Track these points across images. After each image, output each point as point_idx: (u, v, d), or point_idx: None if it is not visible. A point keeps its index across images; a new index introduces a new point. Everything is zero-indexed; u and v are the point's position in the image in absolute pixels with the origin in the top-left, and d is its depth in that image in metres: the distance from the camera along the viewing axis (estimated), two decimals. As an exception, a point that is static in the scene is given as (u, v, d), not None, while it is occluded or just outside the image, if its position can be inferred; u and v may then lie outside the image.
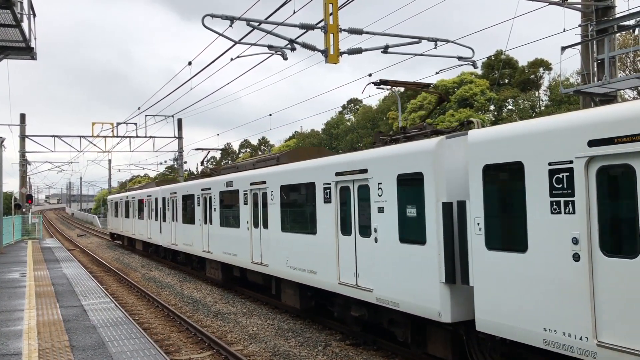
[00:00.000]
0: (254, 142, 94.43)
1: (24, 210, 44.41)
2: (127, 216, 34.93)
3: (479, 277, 7.84)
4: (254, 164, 16.99)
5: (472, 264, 7.98)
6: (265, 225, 14.71)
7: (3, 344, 9.55)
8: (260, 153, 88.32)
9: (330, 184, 11.74)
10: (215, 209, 18.37)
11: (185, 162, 46.00)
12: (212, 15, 13.63)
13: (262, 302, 16.71)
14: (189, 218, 21.37)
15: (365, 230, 10.60)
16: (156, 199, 27.16)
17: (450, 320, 8.54)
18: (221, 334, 12.97)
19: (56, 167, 59.10)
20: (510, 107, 47.51)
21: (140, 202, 30.93)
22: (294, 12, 14.20)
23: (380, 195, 10.11)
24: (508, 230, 7.55)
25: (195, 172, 44.89)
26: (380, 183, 10.09)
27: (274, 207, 14.18)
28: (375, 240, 10.23)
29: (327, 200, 11.87)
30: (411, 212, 9.34)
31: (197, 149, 24.41)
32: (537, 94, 49.92)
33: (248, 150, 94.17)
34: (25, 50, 16.15)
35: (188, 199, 21.52)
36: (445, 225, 8.49)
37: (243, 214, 16.11)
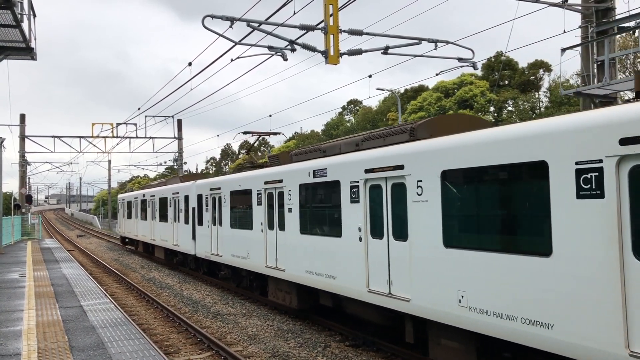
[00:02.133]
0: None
1: (23, 210, 44.39)
2: (143, 218, 29.98)
3: None
4: (359, 142, 11.55)
5: None
6: (403, 237, 9.51)
7: (2, 345, 9.53)
8: (259, 154, 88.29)
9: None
10: (290, 209, 13.35)
11: (185, 163, 46.01)
12: (212, 16, 13.63)
13: (261, 302, 16.69)
14: (241, 221, 16.48)
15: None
16: (186, 197, 22.13)
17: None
18: (221, 335, 12.96)
19: (56, 168, 59.11)
20: (510, 108, 47.52)
21: (163, 201, 25.92)
22: (294, 13, 14.20)
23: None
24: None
25: (196, 173, 40.67)
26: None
27: (429, 205, 8.89)
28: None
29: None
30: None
31: (244, 132, 19.45)
32: (537, 96, 49.93)
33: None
34: (25, 51, 16.16)
35: (240, 196, 16.60)
36: None
37: (350, 217, 10.89)
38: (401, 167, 9.45)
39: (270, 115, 33.72)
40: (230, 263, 17.22)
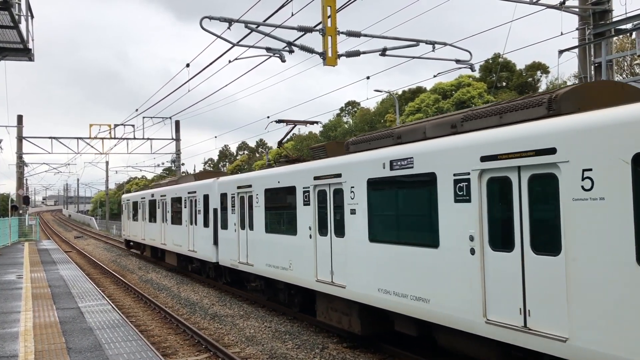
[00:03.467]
0: (252, 144, 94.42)
1: (20, 211, 44.31)
2: (152, 220, 27.32)
3: None
4: (456, 123, 8.93)
5: None
6: (553, 250, 7.06)
7: (-1, 346, 9.52)
8: (257, 155, 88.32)
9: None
10: (353, 210, 10.72)
11: (183, 164, 46.00)
12: (210, 18, 13.64)
13: (259, 304, 16.68)
14: (281, 225, 13.95)
15: None
16: (206, 197, 19.54)
17: None
18: (218, 337, 12.95)
19: (53, 169, 59.03)
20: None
21: (176, 201, 23.27)
22: (292, 15, 14.22)
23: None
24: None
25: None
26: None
27: (607, 206, 6.31)
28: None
29: None
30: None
31: (277, 121, 16.58)
32: (534, 97, 49.99)
33: (246, 152, 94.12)
34: (23, 52, 16.15)
35: (278, 195, 14.04)
36: None
37: (453, 222, 8.37)
38: (550, 151, 6.89)
39: (268, 117, 33.81)
40: (263, 274, 14.70)
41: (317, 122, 18.40)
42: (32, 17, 15.61)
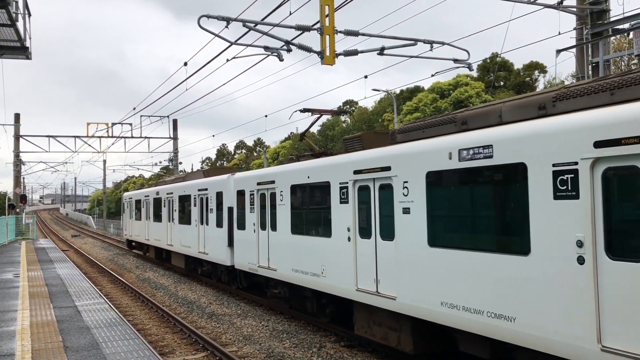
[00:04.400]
0: (250, 143, 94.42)
1: (17, 210, 44.23)
2: (157, 219, 25.94)
3: None
4: (545, 104, 7.55)
5: None
6: None
7: (-4, 345, 9.50)
8: (255, 154, 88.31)
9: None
10: (406, 209, 9.33)
11: (181, 163, 45.97)
12: (208, 16, 13.63)
13: (256, 303, 16.67)
14: (311, 225, 12.47)
15: None
16: (219, 195, 18.25)
17: None
18: (216, 335, 12.95)
19: (50, 168, 58.96)
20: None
21: (184, 199, 21.91)
22: (290, 14, 14.23)
23: None
24: None
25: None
26: None
27: None
28: None
29: None
30: None
31: (303, 110, 15.10)
32: (532, 97, 50.10)
33: (243, 151, 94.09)
34: (20, 50, 16.11)
35: (308, 192, 12.62)
36: None
37: (550, 223, 6.92)
38: None
39: (266, 116, 33.84)
40: (288, 280, 13.26)
41: (345, 112, 17.39)
42: (30, 15, 15.57)
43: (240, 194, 16.23)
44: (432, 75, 24.31)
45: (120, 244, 41.35)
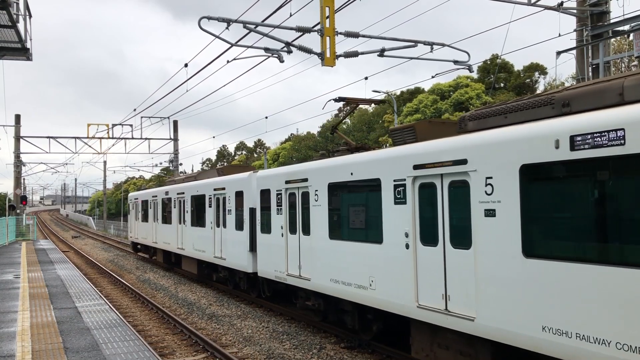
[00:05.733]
0: (250, 144, 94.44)
1: (18, 211, 44.24)
2: (166, 221, 24.41)
3: None
4: None
5: None
6: None
7: (-4, 346, 9.50)
8: (255, 155, 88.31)
9: None
10: (491, 211, 7.67)
11: (181, 164, 45.97)
12: (209, 18, 13.64)
13: (256, 304, 16.67)
14: (354, 228, 10.91)
15: None
16: (239, 194, 16.76)
17: None
18: (216, 337, 12.95)
19: (51, 169, 58.93)
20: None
21: (198, 200, 20.36)
22: (291, 15, 14.23)
23: None
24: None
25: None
26: None
27: None
28: None
29: None
30: None
31: (337, 99, 13.38)
32: (532, 98, 50.12)
33: (244, 152, 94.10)
34: (21, 51, 16.12)
35: (351, 191, 11.13)
36: None
37: None
38: None
39: (266, 117, 33.90)
40: (324, 291, 11.79)
41: (383, 102, 16.21)
42: (30, 16, 15.59)
43: (264, 193, 14.67)
44: (433, 77, 24.35)
45: (121, 245, 41.36)
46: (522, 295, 7.09)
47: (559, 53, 15.15)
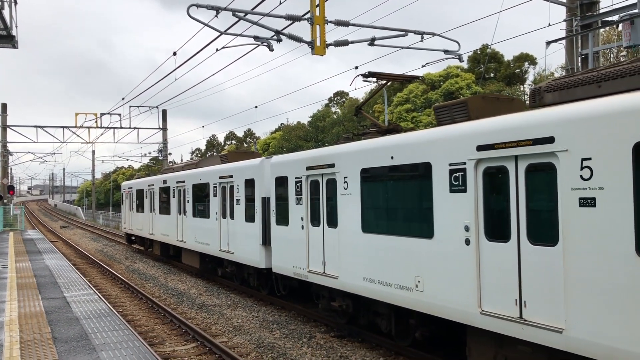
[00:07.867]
0: (240, 134, 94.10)
1: (5, 201, 43.86)
2: (164, 211, 22.96)
3: None
4: None
5: None
6: None
7: (-16, 336, 9.44)
8: (245, 145, 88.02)
9: None
10: (589, 199, 6.30)
11: (170, 154, 45.73)
12: (198, 5, 13.52)
13: (247, 294, 16.69)
14: (393, 221, 9.62)
15: None
16: (249, 183, 15.39)
17: None
18: (206, 326, 12.95)
19: (39, 158, 58.44)
20: (495, 101, 47.78)
21: (201, 189, 18.99)
22: (280, 3, 14.12)
23: None
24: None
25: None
26: None
27: None
28: None
29: None
30: None
31: (367, 75, 11.69)
32: (522, 88, 50.30)
33: (233, 142, 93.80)
34: (6, 39, 15.91)
35: (387, 178, 9.74)
36: None
37: None
38: None
39: (256, 107, 33.72)
40: (356, 291, 10.49)
41: (417, 77, 13.96)
42: (16, 3, 15.37)
43: (280, 181, 13.39)
44: (423, 66, 24.35)
45: (110, 235, 41.17)
46: (633, 304, 5.76)
47: (548, 43, 15.18)
